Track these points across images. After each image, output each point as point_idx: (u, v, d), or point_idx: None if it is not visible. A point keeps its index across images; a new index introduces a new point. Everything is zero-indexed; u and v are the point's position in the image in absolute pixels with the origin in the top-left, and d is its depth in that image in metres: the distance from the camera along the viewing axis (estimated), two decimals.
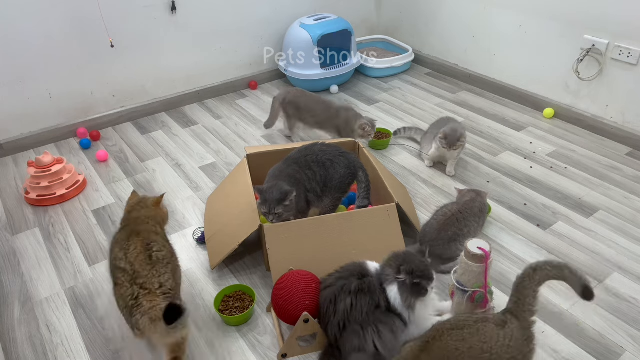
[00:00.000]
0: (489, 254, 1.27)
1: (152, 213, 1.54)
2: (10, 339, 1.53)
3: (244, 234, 1.63)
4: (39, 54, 2.35)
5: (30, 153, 2.47)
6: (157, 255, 1.37)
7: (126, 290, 1.29)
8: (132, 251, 1.36)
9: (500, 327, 1.15)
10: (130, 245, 1.38)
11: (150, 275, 1.31)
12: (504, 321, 1.17)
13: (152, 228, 1.48)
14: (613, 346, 1.47)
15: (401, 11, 3.37)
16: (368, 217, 1.65)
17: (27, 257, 1.84)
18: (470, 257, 1.29)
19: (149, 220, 1.50)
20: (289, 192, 1.60)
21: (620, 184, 2.16)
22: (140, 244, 1.38)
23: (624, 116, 2.41)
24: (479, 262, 1.28)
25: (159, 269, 1.34)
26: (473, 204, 1.78)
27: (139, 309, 1.25)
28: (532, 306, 1.19)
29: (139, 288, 1.28)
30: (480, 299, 1.31)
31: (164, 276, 1.33)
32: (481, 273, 1.29)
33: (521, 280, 1.20)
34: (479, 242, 1.30)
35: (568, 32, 2.49)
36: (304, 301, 1.38)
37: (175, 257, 1.44)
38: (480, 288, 1.30)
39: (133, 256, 1.35)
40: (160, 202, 1.58)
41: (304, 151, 1.75)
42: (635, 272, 1.71)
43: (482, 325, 1.15)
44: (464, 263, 1.31)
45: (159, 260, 1.36)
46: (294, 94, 2.41)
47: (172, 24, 2.67)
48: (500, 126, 2.63)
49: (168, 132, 2.64)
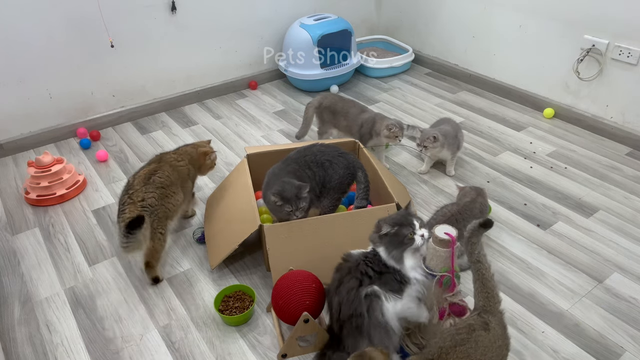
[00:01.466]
0: (455, 238, 1.28)
1: (194, 156, 1.87)
2: (10, 339, 1.53)
3: (244, 234, 1.63)
4: (39, 54, 2.35)
5: (30, 153, 2.47)
6: (154, 179, 1.67)
7: (121, 197, 1.64)
8: (141, 172, 1.71)
9: (487, 330, 1.17)
10: (146, 167, 1.74)
11: (140, 190, 1.63)
12: (486, 323, 1.18)
13: (180, 164, 1.80)
14: (613, 346, 1.47)
15: (401, 11, 3.37)
16: (368, 217, 1.65)
17: (27, 257, 1.84)
18: (437, 242, 1.31)
19: (186, 158, 1.83)
20: (302, 186, 1.61)
21: (620, 184, 2.16)
22: (151, 170, 1.71)
23: (624, 116, 2.41)
24: (446, 246, 1.30)
25: (149, 188, 1.64)
26: (473, 205, 1.78)
27: (122, 214, 1.59)
28: (499, 296, 1.22)
29: (128, 198, 1.62)
30: (448, 283, 1.33)
31: (149, 194, 1.63)
32: (448, 257, 1.31)
33: (482, 276, 1.22)
34: (446, 227, 1.32)
35: (568, 32, 2.49)
36: (304, 301, 1.38)
37: (174, 189, 1.71)
38: (448, 272, 1.32)
39: (139, 174, 1.70)
40: (208, 153, 1.89)
41: (303, 152, 1.75)
42: (635, 272, 1.71)
43: (477, 336, 1.16)
44: (431, 248, 1.33)
45: (154, 182, 1.66)
46: (331, 100, 2.33)
47: (172, 24, 2.67)
48: (500, 126, 2.63)
49: (168, 132, 2.64)
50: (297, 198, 1.59)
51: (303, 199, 1.60)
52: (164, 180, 1.69)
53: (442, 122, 2.29)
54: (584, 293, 1.64)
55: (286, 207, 1.60)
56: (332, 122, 2.33)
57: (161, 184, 1.68)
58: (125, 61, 2.61)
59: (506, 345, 1.19)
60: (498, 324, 1.19)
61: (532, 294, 1.64)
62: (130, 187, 1.66)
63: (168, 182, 1.71)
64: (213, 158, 1.92)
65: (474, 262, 1.23)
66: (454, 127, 2.21)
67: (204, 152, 1.88)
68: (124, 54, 2.58)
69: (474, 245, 1.24)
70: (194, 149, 1.89)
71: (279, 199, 1.59)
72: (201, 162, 1.90)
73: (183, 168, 1.81)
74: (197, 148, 1.90)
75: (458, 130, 2.22)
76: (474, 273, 1.24)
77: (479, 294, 1.22)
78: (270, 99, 2.96)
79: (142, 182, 1.66)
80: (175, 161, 1.80)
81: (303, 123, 2.42)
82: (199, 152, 1.88)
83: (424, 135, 2.13)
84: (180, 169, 1.79)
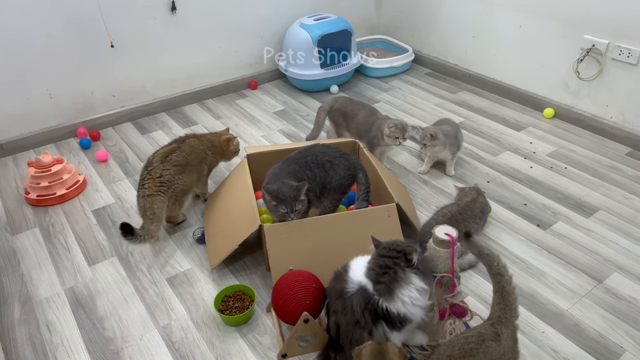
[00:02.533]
0: (455, 239, 1.28)
1: (216, 143, 2.03)
2: (10, 339, 1.53)
3: (244, 234, 1.63)
4: (39, 54, 2.35)
5: (30, 153, 2.47)
6: (171, 157, 1.86)
7: (142, 173, 1.85)
8: (160, 150, 1.90)
9: (497, 342, 1.15)
10: (167, 146, 1.92)
11: (157, 167, 1.82)
12: (497, 334, 1.16)
13: (200, 148, 1.96)
14: (613, 346, 1.47)
15: (401, 11, 3.37)
16: (368, 217, 1.65)
17: (27, 257, 1.84)
18: (437, 243, 1.31)
19: (206, 144, 2.00)
20: (301, 187, 1.59)
21: (620, 184, 2.16)
22: (171, 149, 1.89)
23: (624, 116, 2.41)
24: (446, 247, 1.30)
25: (166, 166, 1.84)
26: (474, 205, 1.78)
27: (142, 189, 1.80)
28: (517, 310, 1.20)
29: (147, 174, 1.82)
30: (448, 284, 1.33)
31: (166, 171, 1.83)
32: (448, 258, 1.31)
33: (502, 288, 1.20)
34: (446, 228, 1.31)
35: (568, 32, 2.49)
36: (304, 301, 1.38)
37: (189, 168, 1.89)
38: (448, 273, 1.32)
39: (158, 152, 1.89)
40: (230, 139, 2.04)
41: (304, 152, 1.75)
42: (635, 272, 1.71)
43: (486, 347, 1.15)
44: (431, 249, 1.33)
45: (170, 160, 1.85)
46: (342, 102, 2.30)
47: (172, 24, 2.67)
48: (500, 126, 2.63)
49: (168, 132, 2.64)
50: (294, 200, 1.57)
51: (300, 202, 1.58)
52: (181, 160, 1.88)
53: (442, 122, 2.29)
54: (584, 293, 1.64)
55: (281, 209, 1.58)
56: (344, 124, 2.30)
57: (177, 163, 1.87)
58: (125, 61, 2.61)
59: (514, 358, 1.17)
60: (510, 337, 1.17)
61: (532, 294, 1.64)
62: (149, 164, 1.85)
63: (184, 161, 1.89)
64: (236, 144, 2.08)
65: (494, 275, 1.22)
66: (454, 128, 2.21)
67: (226, 139, 2.05)
68: (124, 54, 2.58)
69: (491, 257, 1.22)
70: (216, 137, 2.06)
71: (273, 198, 1.57)
72: (224, 149, 2.05)
73: (200, 152, 1.97)
74: (219, 137, 2.06)
75: (458, 130, 2.22)
76: (495, 284, 1.22)
77: (497, 304, 1.21)
78: (270, 99, 2.96)
79: (159, 160, 1.85)
80: (195, 144, 1.96)
81: (314, 126, 2.37)
82: (222, 140, 2.05)
83: (424, 133, 2.13)
84: (198, 151, 1.96)
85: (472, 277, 1.71)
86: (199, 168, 1.96)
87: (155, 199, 1.77)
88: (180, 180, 1.85)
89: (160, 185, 1.80)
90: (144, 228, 1.72)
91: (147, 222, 1.74)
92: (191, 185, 1.92)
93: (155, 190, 1.79)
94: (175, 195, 1.85)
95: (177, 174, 1.85)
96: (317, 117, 2.35)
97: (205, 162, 2.00)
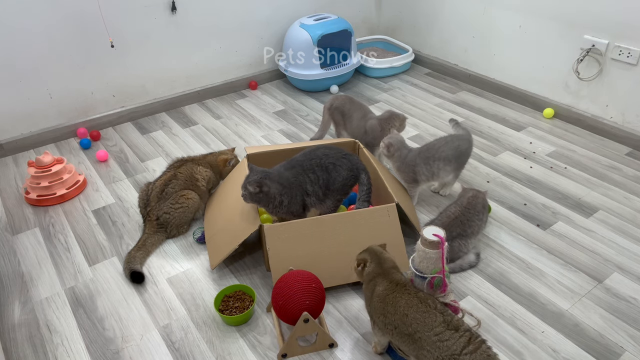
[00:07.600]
0: (444, 239, 1.29)
1: (214, 163, 2.06)
2: (10, 339, 1.53)
3: (244, 234, 1.63)
4: (39, 54, 2.35)
5: (30, 153, 2.47)
6: (167, 190, 1.89)
7: (142, 208, 1.92)
8: (157, 182, 1.92)
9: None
10: (166, 172, 1.96)
11: (155, 208, 1.86)
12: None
13: (199, 168, 1.99)
14: (613, 346, 1.47)
15: (401, 11, 3.37)
16: (368, 217, 1.65)
17: (27, 257, 1.84)
18: (427, 245, 1.31)
19: (204, 164, 2.02)
20: (257, 182, 1.62)
21: (620, 184, 2.16)
22: (165, 180, 1.91)
23: (624, 116, 2.42)
24: (436, 248, 1.30)
25: (162, 205, 1.86)
26: (476, 200, 1.78)
27: (145, 223, 1.88)
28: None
29: (147, 214, 1.88)
30: (439, 284, 1.34)
31: (162, 210, 1.86)
32: (438, 259, 1.31)
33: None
34: (434, 229, 1.32)
35: (568, 32, 2.49)
36: (304, 301, 1.38)
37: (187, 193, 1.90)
38: (438, 273, 1.32)
39: (156, 186, 1.91)
40: (227, 160, 2.06)
41: (309, 154, 1.75)
42: (635, 272, 1.71)
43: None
44: (421, 251, 1.33)
45: (167, 195, 1.88)
46: (341, 100, 2.28)
47: (172, 24, 2.67)
48: (500, 126, 2.63)
49: (168, 132, 2.64)
50: (247, 184, 1.62)
51: (248, 191, 1.63)
52: (177, 189, 1.90)
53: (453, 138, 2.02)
54: (584, 293, 1.64)
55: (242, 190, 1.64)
56: (342, 123, 2.29)
57: (174, 191, 1.89)
58: (125, 61, 2.61)
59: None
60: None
61: (532, 294, 1.64)
62: (148, 202, 1.90)
63: (179, 188, 1.91)
64: (233, 163, 2.09)
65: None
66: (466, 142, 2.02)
67: (223, 159, 2.07)
68: (124, 54, 2.58)
69: None
70: (214, 158, 2.08)
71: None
72: (221, 168, 2.08)
73: (198, 175, 1.99)
74: (217, 156, 2.09)
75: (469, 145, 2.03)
76: None
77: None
78: (270, 99, 2.96)
79: (156, 198, 1.88)
80: (194, 168, 1.99)
81: (320, 126, 2.37)
82: (219, 160, 2.07)
83: (383, 142, 1.98)
84: (196, 176, 1.98)
85: (472, 277, 1.71)
86: (198, 190, 1.96)
87: (153, 238, 1.84)
88: (179, 211, 1.88)
89: (159, 227, 1.86)
90: (130, 253, 1.78)
91: (134, 249, 1.80)
92: (194, 207, 1.92)
93: (154, 232, 1.85)
94: (177, 225, 1.89)
95: (176, 209, 1.87)
96: (322, 116, 2.36)
97: (205, 185, 2.01)
